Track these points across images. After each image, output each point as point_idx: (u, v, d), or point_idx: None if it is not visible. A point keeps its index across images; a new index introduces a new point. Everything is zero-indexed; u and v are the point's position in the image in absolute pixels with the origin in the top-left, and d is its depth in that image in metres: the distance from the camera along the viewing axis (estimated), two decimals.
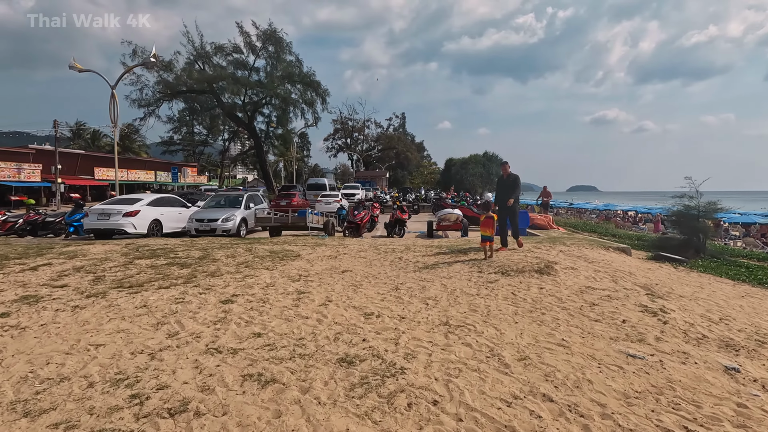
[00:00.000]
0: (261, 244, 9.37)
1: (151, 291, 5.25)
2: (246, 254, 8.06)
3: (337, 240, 10.65)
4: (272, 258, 7.65)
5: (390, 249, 8.64)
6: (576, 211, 47.71)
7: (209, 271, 6.50)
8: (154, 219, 12.03)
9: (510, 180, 8.07)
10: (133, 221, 11.37)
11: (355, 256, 7.95)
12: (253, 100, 29.85)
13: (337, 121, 67.87)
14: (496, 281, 5.68)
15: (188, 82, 26.91)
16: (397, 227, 12.09)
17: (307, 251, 8.48)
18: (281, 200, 23.23)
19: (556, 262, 6.73)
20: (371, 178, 51.28)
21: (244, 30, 27.93)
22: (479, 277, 5.96)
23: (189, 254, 8.03)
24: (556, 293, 5.17)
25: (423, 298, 4.96)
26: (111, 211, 11.33)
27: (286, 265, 7.01)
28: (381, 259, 7.57)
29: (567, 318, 4.32)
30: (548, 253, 7.86)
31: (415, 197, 30.07)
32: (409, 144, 71.23)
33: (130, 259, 7.48)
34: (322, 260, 7.48)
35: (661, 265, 8.27)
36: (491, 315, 4.36)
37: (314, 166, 79.25)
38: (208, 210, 12.92)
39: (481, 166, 51.80)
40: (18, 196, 32.18)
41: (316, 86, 31.74)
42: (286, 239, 10.59)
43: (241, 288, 5.38)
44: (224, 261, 7.37)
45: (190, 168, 55.97)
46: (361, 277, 6.07)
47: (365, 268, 6.79)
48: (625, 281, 5.91)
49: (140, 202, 11.93)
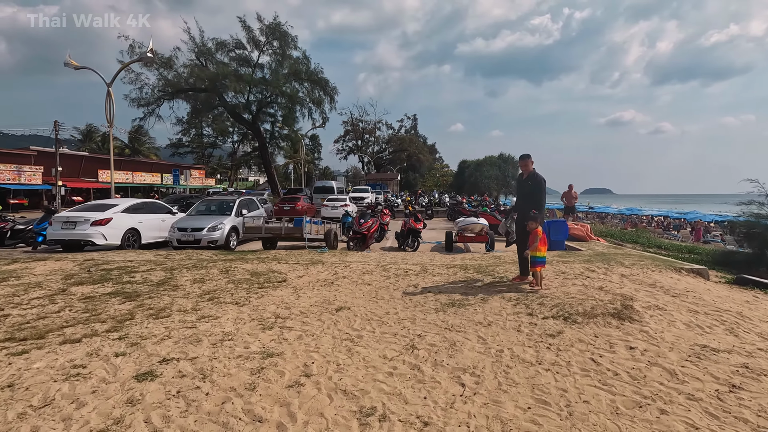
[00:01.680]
0: (244, 262, 7.67)
1: (48, 349, 3.55)
2: (219, 278, 6.36)
3: (338, 255, 8.90)
4: (249, 284, 5.93)
5: (402, 270, 6.86)
6: (596, 215, 45.15)
7: (157, 307, 4.80)
8: (131, 228, 10.45)
9: (531, 181, 5.74)
10: (103, 231, 9.79)
11: (357, 280, 6.18)
12: (257, 98, 28.34)
13: (348, 123, 66.40)
14: (560, 334, 3.85)
15: (189, 80, 25.52)
16: (410, 239, 10.31)
17: (298, 273, 6.74)
18: (284, 204, 21.64)
19: (632, 298, 4.87)
20: (382, 180, 49.54)
21: (247, 24, 26.46)
22: (532, 324, 4.13)
23: (147, 277, 6.35)
24: (660, 360, 3.33)
25: (455, 370, 3.16)
26: (77, 219, 9.77)
27: (263, 296, 5.27)
28: (390, 286, 5.79)
29: (708, 422, 2.49)
30: (609, 279, 6.00)
31: (428, 201, 28.20)
32: (421, 146, 69.40)
33: (66, 285, 5.83)
34: (314, 288, 5.73)
35: (756, 295, 6.32)
36: (576, 415, 2.55)
37: (325, 169, 77.86)
38: (193, 218, 11.29)
39: (496, 168, 49.58)
40: (17, 199, 31.25)
41: (324, 84, 30.13)
42: (278, 254, 8.88)
43: (184, 344, 3.65)
44: (186, 289, 5.67)
45: (197, 170, 55.07)
46: (362, 321, 4.29)
47: (368, 302, 5.01)
48: (746, 332, 4.04)
49: (113, 208, 10.36)
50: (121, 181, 40.37)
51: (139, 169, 44.33)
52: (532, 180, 5.76)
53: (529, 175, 5.82)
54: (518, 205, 6.10)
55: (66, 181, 34.95)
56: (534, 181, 5.72)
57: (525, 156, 5.89)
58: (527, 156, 5.88)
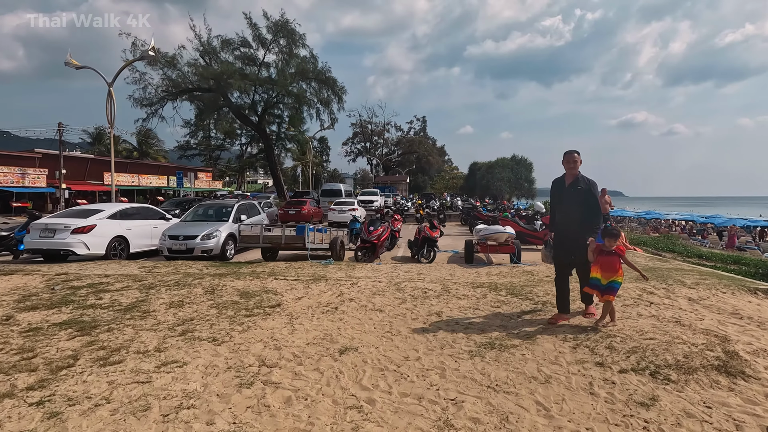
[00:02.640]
0: (235, 278, 6.63)
1: None
2: (201, 300, 5.32)
3: (344, 268, 7.84)
4: (236, 309, 4.88)
5: (419, 290, 5.76)
6: (614, 219, 43.50)
7: (112, 345, 3.76)
8: (117, 236, 9.49)
9: (583, 185, 4.28)
10: (85, 239, 8.84)
11: (366, 304, 5.10)
12: (263, 98, 27.47)
13: (357, 125, 65.59)
14: (654, 402, 2.71)
15: (193, 80, 24.72)
16: (426, 248, 9.20)
17: (296, 293, 5.68)
18: (290, 208, 20.68)
19: (728, 338, 3.72)
20: (391, 183, 48.50)
21: (253, 22, 25.58)
22: (607, 381, 3.00)
23: (117, 300, 5.33)
24: None
25: None
26: (56, 226, 8.83)
27: (250, 329, 4.21)
28: (407, 314, 4.70)
29: None
30: (678, 305, 4.84)
31: (440, 205, 27.03)
32: (431, 148, 68.29)
33: (15, 311, 4.83)
34: (313, 316, 4.66)
35: None
36: None
37: (333, 171, 77.03)
38: (187, 224, 10.30)
39: (509, 170, 48.29)
40: (21, 203, 30.72)
41: (332, 84, 29.17)
42: (276, 267, 7.84)
43: (123, 415, 2.59)
44: (158, 316, 4.63)
45: (204, 173, 54.51)
46: (374, 372, 3.21)
47: (381, 339, 3.93)
48: None
49: (98, 214, 9.41)
50: (127, 183, 39.81)
51: (146, 172, 43.74)
52: (583, 184, 4.26)
53: (578, 178, 4.32)
54: (563, 220, 4.39)
55: (71, 184, 34.45)
56: (587, 184, 4.28)
57: (572, 152, 4.36)
58: (576, 152, 4.38)
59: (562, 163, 4.45)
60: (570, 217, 4.27)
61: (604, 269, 4.03)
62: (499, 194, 45.69)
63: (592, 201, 4.22)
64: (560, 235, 4.41)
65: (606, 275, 4.03)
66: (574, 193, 4.28)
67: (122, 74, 17.91)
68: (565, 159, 4.43)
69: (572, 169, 4.37)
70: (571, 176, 4.38)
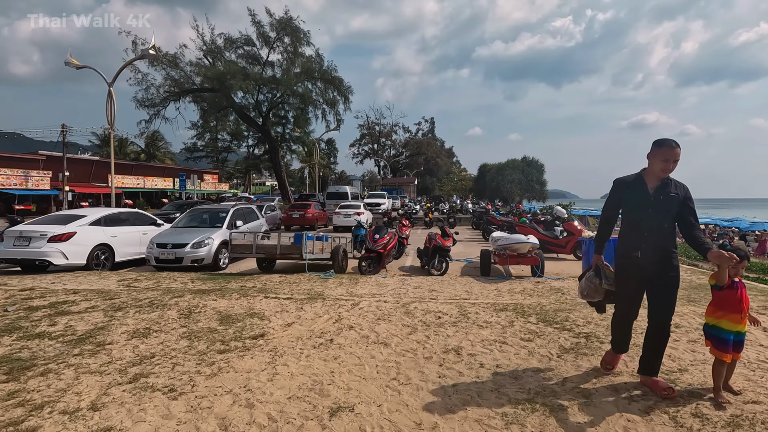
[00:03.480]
0: (219, 296, 5.78)
1: None
2: (173, 326, 4.47)
3: (346, 282, 6.96)
4: (210, 342, 4.01)
5: (432, 315, 4.86)
6: None
7: (35, 400, 2.91)
8: (101, 244, 8.72)
9: (677, 191, 2.92)
10: (63, 248, 8.07)
11: (369, 335, 4.21)
12: (267, 98, 26.75)
13: (364, 126, 64.80)
14: None
15: (196, 79, 24.08)
16: (437, 259, 8.29)
17: (286, 317, 4.81)
18: (293, 212, 19.90)
19: None
20: (398, 185, 47.61)
21: (257, 19, 24.88)
22: None
23: (73, 325, 4.50)
24: None
25: None
26: (32, 233, 8.07)
27: (218, 374, 3.33)
28: (419, 352, 3.79)
29: None
30: (755, 340, 3.88)
31: (450, 208, 26.05)
32: (439, 149, 67.29)
33: None
34: (302, 352, 3.77)
35: None
36: None
37: (341, 173, 76.34)
38: (177, 231, 9.50)
39: (519, 171, 47.17)
40: (23, 205, 30.34)
41: (338, 84, 28.38)
42: (269, 282, 6.98)
43: None
44: (113, 351, 3.78)
45: (210, 175, 54.12)
46: None
47: (385, 392, 3.03)
48: None
49: (78, 220, 8.64)
50: (132, 186, 39.43)
51: (151, 174, 43.34)
52: (677, 189, 2.91)
53: (669, 181, 2.91)
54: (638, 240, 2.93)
55: (75, 187, 34.12)
56: (682, 190, 2.93)
57: (673, 143, 2.84)
58: (673, 144, 2.84)
59: (650, 156, 2.92)
60: (656, 235, 2.89)
61: (727, 309, 2.74)
62: (509, 197, 44.55)
63: (693, 215, 2.93)
64: (634, 260, 2.94)
65: (732, 320, 2.72)
66: (664, 201, 2.88)
67: (125, 75, 17.32)
68: (658, 152, 2.86)
69: (667, 169, 2.86)
70: (658, 178, 2.91)
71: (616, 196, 3.08)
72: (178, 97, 25.29)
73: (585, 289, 3.26)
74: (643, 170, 3.01)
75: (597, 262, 3.23)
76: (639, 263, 2.93)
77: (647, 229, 2.91)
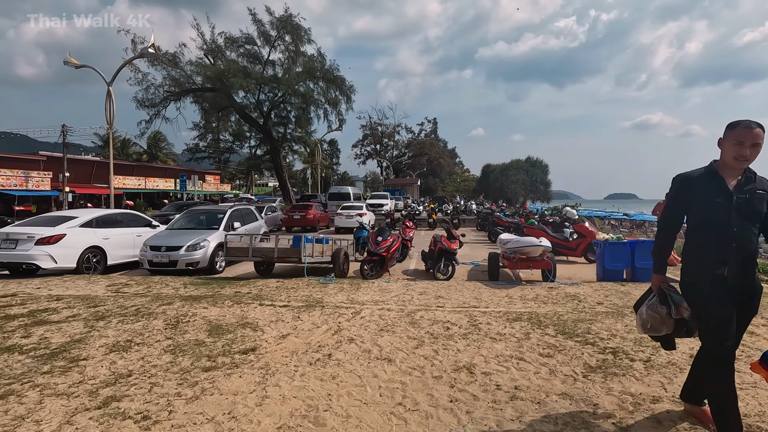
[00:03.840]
0: (210, 305, 5.40)
1: None
2: (157, 338, 4.09)
3: (346, 287, 6.56)
4: (196, 357, 3.63)
5: (440, 325, 4.46)
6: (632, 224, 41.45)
7: None
8: (92, 246, 8.36)
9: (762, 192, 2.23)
10: (51, 251, 7.71)
11: (371, 349, 3.82)
12: (268, 98, 26.42)
13: (366, 127, 64.43)
14: None
15: (196, 79, 23.78)
16: (443, 263, 7.89)
17: (281, 327, 4.42)
18: (294, 213, 19.53)
19: None
20: (401, 185, 47.23)
21: (258, 18, 24.55)
22: None
23: (48, 337, 4.13)
24: None
25: None
26: (19, 236, 7.72)
27: (201, 396, 2.95)
28: (426, 370, 3.40)
29: None
30: None
31: (454, 209, 25.64)
32: (442, 150, 66.82)
33: None
34: (296, 369, 3.38)
35: None
36: None
37: (343, 174, 76.00)
38: (171, 233, 9.13)
39: (523, 172, 46.71)
40: (23, 206, 30.12)
41: (340, 83, 28.02)
42: (265, 287, 6.59)
43: None
44: (87, 369, 3.41)
45: (212, 176, 53.87)
46: None
47: (389, 420, 2.62)
48: None
49: (68, 222, 8.28)
50: (133, 186, 39.22)
51: (153, 175, 43.13)
52: (764, 185, 2.27)
53: (753, 176, 2.28)
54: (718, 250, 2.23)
55: (76, 187, 33.93)
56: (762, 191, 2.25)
57: (753, 125, 2.20)
58: (757, 125, 2.21)
59: (722, 143, 2.29)
60: (744, 246, 2.20)
61: None
62: (513, 197, 44.08)
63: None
64: (719, 279, 2.22)
65: None
66: (750, 201, 2.22)
67: (125, 75, 17.01)
68: (731, 135, 2.24)
69: (742, 155, 2.21)
70: (735, 170, 2.27)
71: (682, 196, 2.37)
72: (179, 96, 24.99)
73: (648, 320, 2.44)
74: (713, 162, 2.34)
75: (660, 284, 2.44)
76: (727, 283, 2.20)
77: (734, 239, 2.19)
